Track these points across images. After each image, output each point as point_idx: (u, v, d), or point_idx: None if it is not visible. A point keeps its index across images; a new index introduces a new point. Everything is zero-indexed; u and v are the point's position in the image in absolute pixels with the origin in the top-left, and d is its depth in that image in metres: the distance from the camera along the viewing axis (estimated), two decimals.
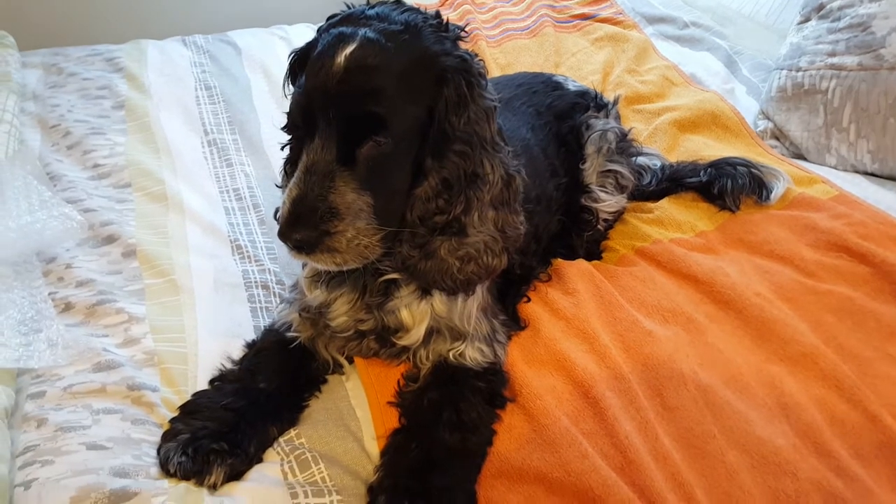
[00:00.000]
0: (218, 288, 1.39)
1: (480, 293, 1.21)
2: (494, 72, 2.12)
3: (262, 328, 1.29)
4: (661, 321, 1.33)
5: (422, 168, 1.07)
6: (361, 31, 1.03)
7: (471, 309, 1.19)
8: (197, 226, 1.52)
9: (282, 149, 1.20)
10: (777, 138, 1.86)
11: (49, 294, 1.29)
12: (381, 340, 1.21)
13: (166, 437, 1.09)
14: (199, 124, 1.83)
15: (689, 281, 1.41)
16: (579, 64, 2.13)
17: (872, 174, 1.73)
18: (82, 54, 2.02)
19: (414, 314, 1.17)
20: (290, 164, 1.18)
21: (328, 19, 1.13)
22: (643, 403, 1.17)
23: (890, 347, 1.27)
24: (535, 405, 1.16)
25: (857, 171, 1.74)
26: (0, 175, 1.35)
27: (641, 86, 2.02)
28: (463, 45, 1.12)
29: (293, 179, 1.04)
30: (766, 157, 1.74)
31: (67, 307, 1.29)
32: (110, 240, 1.44)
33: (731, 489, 1.08)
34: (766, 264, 1.44)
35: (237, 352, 1.23)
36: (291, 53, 1.16)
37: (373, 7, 1.10)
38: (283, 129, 1.14)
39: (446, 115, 1.05)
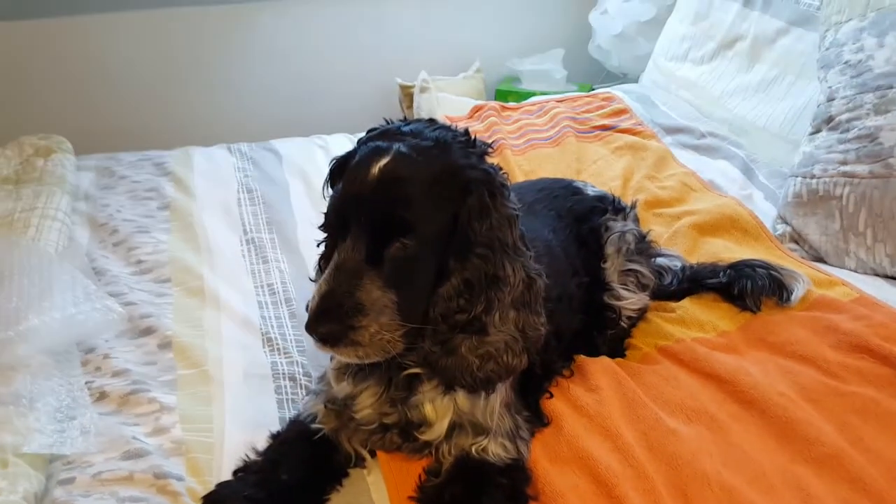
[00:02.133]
0: (247, 379, 1.43)
1: (503, 389, 1.23)
2: (519, 177, 2.18)
3: (288, 419, 1.31)
4: (685, 420, 1.32)
5: (445, 269, 1.13)
6: (395, 146, 1.13)
7: (494, 405, 1.21)
8: (231, 319, 1.58)
9: (318, 245, 1.27)
10: (796, 241, 1.88)
11: (86, 383, 1.35)
12: (405, 435, 1.22)
13: None
14: (238, 224, 1.92)
15: (712, 380, 1.41)
16: (600, 171, 2.20)
17: (892, 277, 1.74)
18: (133, 159, 2.17)
19: (437, 409, 1.19)
20: (324, 260, 1.24)
21: (368, 132, 1.23)
22: (667, 503, 1.15)
23: None
24: (558, 503, 1.14)
25: (876, 274, 1.75)
26: (49, 269, 1.43)
27: (661, 191, 2.08)
28: (489, 159, 1.21)
29: (324, 276, 1.10)
30: (786, 259, 1.77)
31: (102, 396, 1.34)
32: (148, 332, 1.50)
33: None
34: (788, 365, 1.44)
35: (262, 443, 1.24)
36: (332, 161, 1.26)
37: (408, 124, 1.20)
38: (319, 227, 1.22)
39: (469, 222, 1.12)
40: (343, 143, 2.32)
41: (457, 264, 1.13)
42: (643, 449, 1.25)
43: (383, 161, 1.11)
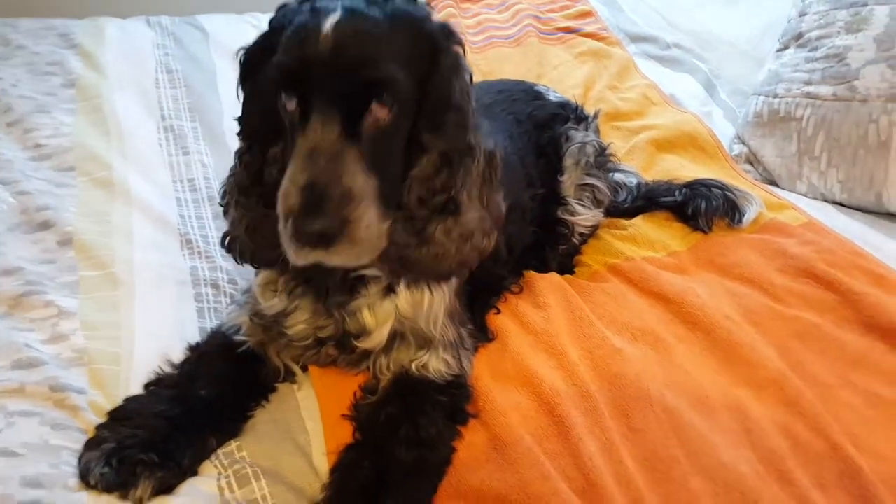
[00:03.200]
0: (162, 284, 1.30)
1: (448, 295, 1.14)
2: (476, 78, 2.07)
3: (209, 330, 1.20)
4: (631, 339, 1.30)
5: (418, 145, 1.01)
6: (337, 3, 0.96)
7: (437, 311, 1.13)
8: (144, 216, 1.43)
9: (238, 156, 1.09)
10: (751, 163, 1.86)
11: None
12: (341, 346, 1.13)
13: (90, 445, 0.99)
14: (156, 109, 1.74)
15: (660, 300, 1.39)
16: (561, 77, 2.12)
17: (841, 203, 1.73)
18: (34, 27, 1.92)
19: (377, 315, 1.10)
20: (252, 177, 1.06)
21: (279, 9, 1.04)
22: (608, 424, 1.13)
23: (853, 375, 1.26)
24: (498, 422, 1.11)
25: (826, 200, 1.75)
26: None
27: (622, 102, 2.01)
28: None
29: (295, 163, 0.93)
30: (740, 180, 1.74)
31: None
32: (45, 226, 1.34)
33: None
34: (735, 287, 1.43)
35: (178, 355, 1.14)
36: (240, 51, 1.07)
37: None
38: (238, 133, 1.07)
39: (444, 82, 0.99)
40: None
41: (432, 137, 1.00)
42: (588, 368, 1.22)
43: (333, 18, 0.93)
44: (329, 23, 0.93)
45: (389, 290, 1.10)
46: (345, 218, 0.91)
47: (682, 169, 1.76)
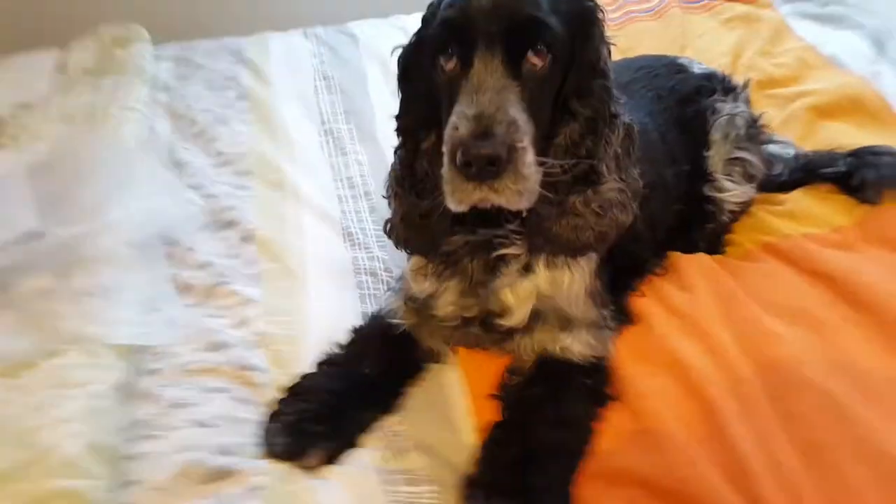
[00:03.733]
0: (329, 274, 1.42)
1: (588, 274, 1.16)
2: (614, 56, 2.03)
3: (369, 314, 1.30)
4: (789, 322, 1.23)
5: (566, 110, 1.05)
6: None
7: (577, 290, 1.15)
8: (311, 213, 1.57)
9: (395, 152, 1.17)
10: None
11: (170, 275, 1.37)
12: (486, 326, 1.19)
13: (272, 417, 1.12)
14: (316, 114, 1.87)
15: (823, 280, 1.31)
16: (707, 46, 2.02)
17: None
18: (210, 47, 2.13)
19: (518, 294, 1.15)
20: (406, 170, 1.14)
21: (429, 5, 1.09)
22: (763, 410, 1.09)
23: None
24: (641, 405, 1.11)
25: None
26: (130, 162, 1.44)
27: (775, 69, 1.89)
28: None
29: (462, 102, 0.98)
30: None
31: (187, 288, 1.36)
32: (230, 225, 1.51)
33: None
34: None
35: (344, 336, 1.25)
36: (395, 50, 1.14)
37: None
38: (395, 130, 1.14)
39: (595, 50, 1.04)
40: None
41: (581, 102, 1.05)
42: (740, 352, 1.17)
43: None
44: None
45: (528, 269, 1.13)
46: (512, 144, 0.95)
47: (847, 137, 1.62)
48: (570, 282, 1.14)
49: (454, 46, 1.01)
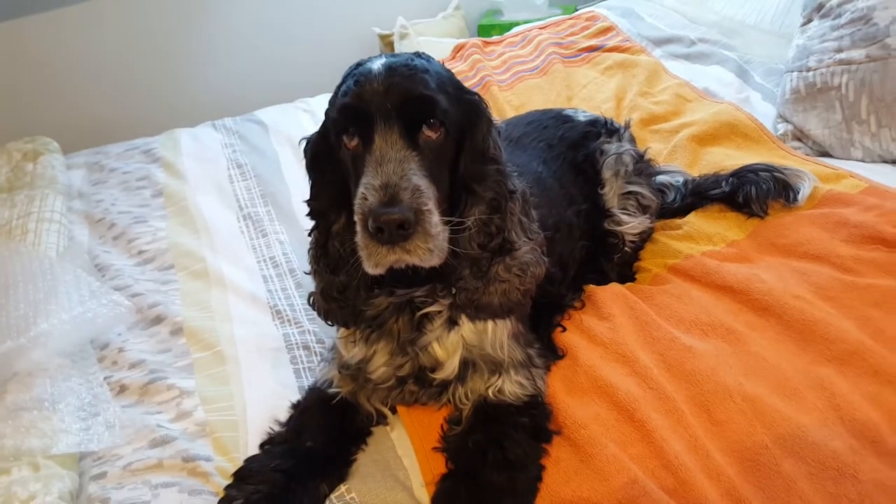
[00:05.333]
0: (261, 353, 1.44)
1: (509, 321, 1.22)
2: (508, 113, 2.15)
3: (306, 388, 1.32)
4: (701, 335, 1.31)
5: (471, 191, 1.13)
6: (385, 59, 1.10)
7: (501, 336, 1.21)
8: (238, 297, 1.59)
9: (309, 234, 1.23)
10: (799, 139, 1.84)
11: (104, 378, 1.37)
12: (420, 381, 1.22)
13: None
14: (233, 201, 1.91)
15: (725, 292, 1.40)
16: (591, 95, 2.15)
17: None
18: (121, 150, 2.16)
19: (447, 346, 1.19)
20: (320, 249, 1.20)
21: (330, 100, 1.17)
22: (690, 421, 1.15)
23: None
24: (580, 435, 1.15)
25: (885, 161, 1.71)
26: (52, 272, 1.44)
27: (655, 106, 2.03)
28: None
29: (367, 175, 1.04)
30: (791, 158, 1.73)
31: (122, 389, 1.36)
32: (158, 320, 1.51)
33: (791, 499, 1.05)
34: (802, 266, 1.42)
35: (284, 414, 1.26)
36: (303, 141, 1.21)
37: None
38: (308, 215, 1.20)
39: (484, 137, 1.13)
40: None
41: (479, 187, 1.13)
42: (661, 370, 1.24)
43: (380, 62, 1.09)
44: (378, 64, 1.08)
45: (453, 322, 1.19)
46: (418, 208, 1.02)
47: (729, 159, 1.75)
48: (494, 328, 1.19)
49: (354, 126, 1.08)
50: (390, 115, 1.05)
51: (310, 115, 2.31)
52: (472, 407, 1.20)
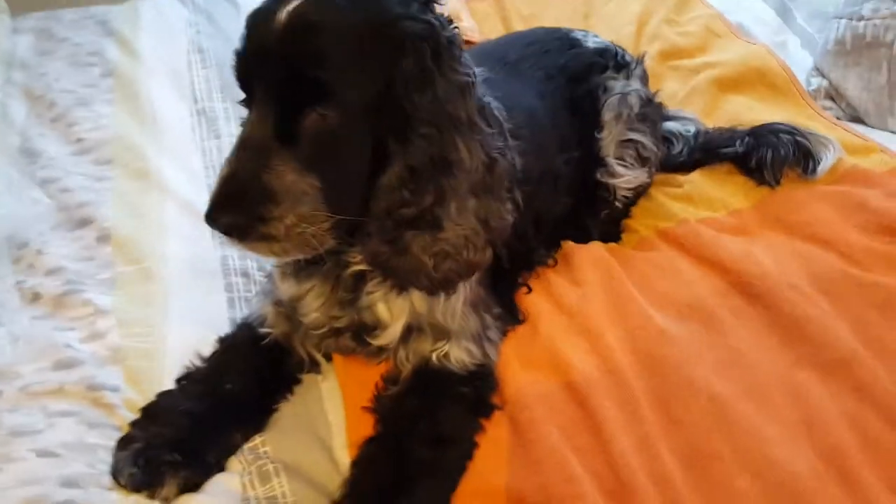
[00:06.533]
0: (194, 276, 1.31)
1: (467, 286, 1.09)
2: (516, 25, 1.96)
3: (238, 321, 1.20)
4: (678, 317, 1.20)
5: (385, 151, 0.95)
6: None
7: (455, 304, 1.08)
8: (177, 206, 1.43)
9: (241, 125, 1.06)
10: (832, 98, 1.68)
11: (17, 283, 1.24)
12: (358, 339, 1.11)
13: (120, 444, 1.02)
14: (189, 91, 1.73)
15: (716, 269, 1.27)
16: (612, 14, 1.96)
17: None
18: (76, 16, 1.93)
19: (392, 309, 1.07)
20: None
21: None
22: (646, 415, 1.05)
23: None
24: (523, 416, 1.05)
25: None
26: None
27: (680, 38, 1.85)
28: (439, 9, 0.98)
29: (228, 156, 0.93)
30: (818, 120, 1.57)
31: (35, 297, 1.22)
32: (84, 223, 1.36)
33: None
34: (806, 249, 1.29)
35: (209, 348, 1.15)
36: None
37: None
38: (240, 102, 1.02)
39: (406, 92, 0.92)
40: None
41: (397, 146, 0.94)
42: (626, 352, 1.14)
43: (293, 3, 0.89)
44: (287, 9, 0.88)
45: (403, 288, 1.06)
46: (259, 216, 0.89)
47: (750, 111, 1.60)
48: (447, 297, 1.06)
49: (240, 84, 0.94)
50: (271, 90, 0.89)
51: None
52: (412, 369, 1.10)
